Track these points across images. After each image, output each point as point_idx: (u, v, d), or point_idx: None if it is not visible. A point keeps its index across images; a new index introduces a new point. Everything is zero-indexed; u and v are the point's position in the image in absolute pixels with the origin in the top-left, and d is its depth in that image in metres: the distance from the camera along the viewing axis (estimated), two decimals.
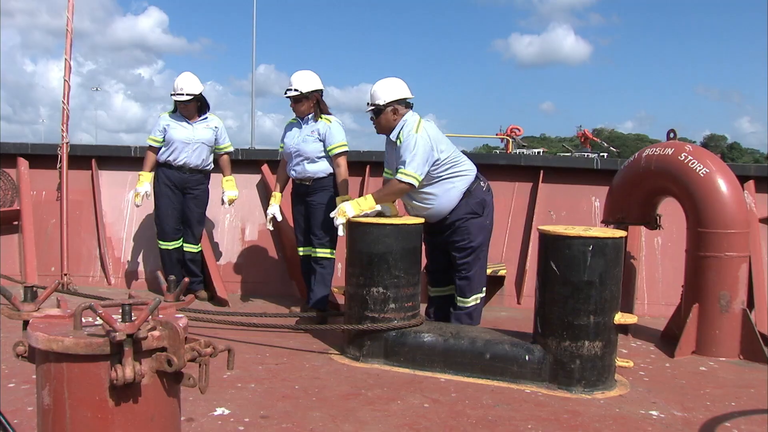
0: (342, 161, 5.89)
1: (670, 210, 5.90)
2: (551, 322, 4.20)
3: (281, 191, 6.26)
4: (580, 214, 7.15)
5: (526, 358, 4.25)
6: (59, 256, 6.99)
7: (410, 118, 5.13)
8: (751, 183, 6.83)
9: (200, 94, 6.56)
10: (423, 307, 5.18)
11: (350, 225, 4.78)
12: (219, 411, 3.60)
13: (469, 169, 5.20)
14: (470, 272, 5.15)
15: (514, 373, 4.27)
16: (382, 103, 5.11)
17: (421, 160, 4.93)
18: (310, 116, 5.96)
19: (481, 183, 5.24)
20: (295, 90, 5.85)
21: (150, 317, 1.91)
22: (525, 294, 6.76)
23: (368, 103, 5.22)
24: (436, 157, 5.01)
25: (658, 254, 6.83)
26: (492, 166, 7.56)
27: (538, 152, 31.68)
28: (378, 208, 4.99)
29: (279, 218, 6.20)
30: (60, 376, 1.88)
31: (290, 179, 6.14)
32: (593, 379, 4.15)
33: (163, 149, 6.57)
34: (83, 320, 1.98)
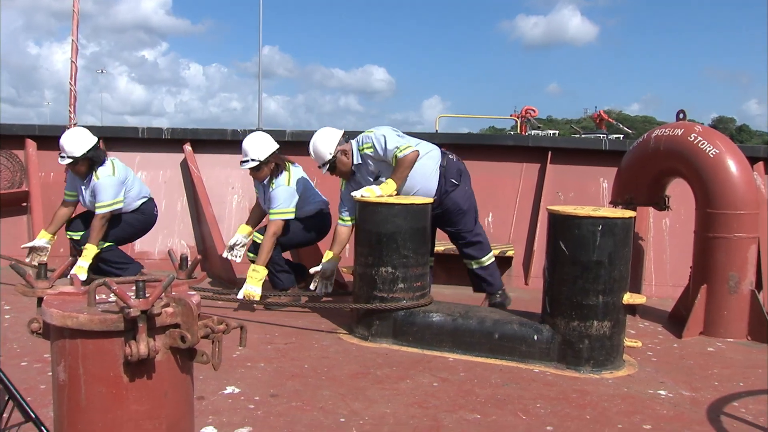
0: (272, 226, 5.66)
1: (678, 191, 5.89)
2: (560, 302, 4.21)
3: (253, 227, 6.07)
4: (588, 196, 7.14)
5: (535, 337, 4.26)
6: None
7: (356, 140, 5.33)
8: (760, 164, 6.81)
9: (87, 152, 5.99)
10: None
11: (359, 205, 4.78)
12: (229, 390, 3.63)
13: (431, 149, 5.36)
14: (475, 235, 5.36)
15: (522, 352, 4.28)
16: (330, 156, 5.32)
17: (400, 136, 5.19)
18: (266, 180, 5.84)
19: (449, 156, 5.42)
20: (252, 161, 5.69)
21: (163, 294, 1.93)
22: (533, 275, 6.76)
23: (320, 166, 5.41)
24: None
25: (666, 235, 6.82)
26: (500, 147, 7.57)
27: (553, 134, 31.52)
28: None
29: (237, 256, 6.02)
30: (75, 352, 1.89)
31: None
32: (602, 358, 4.16)
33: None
34: (97, 297, 2.00)
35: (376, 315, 4.62)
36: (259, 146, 5.70)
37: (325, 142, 5.34)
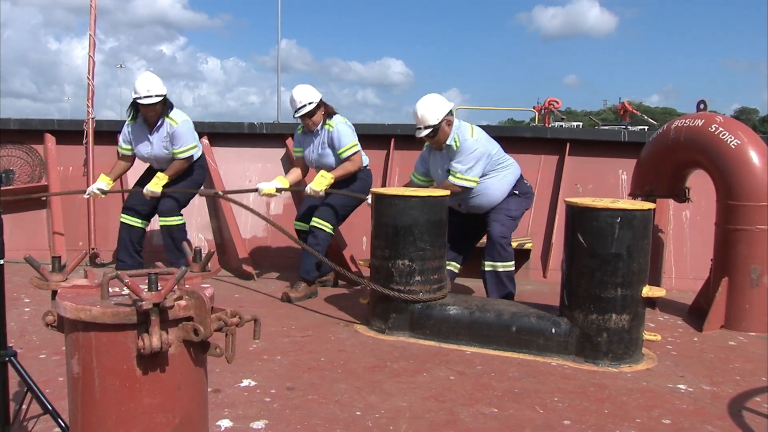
0: (355, 158, 5.91)
1: (698, 183, 5.81)
2: (578, 295, 4.16)
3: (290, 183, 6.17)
4: (606, 187, 7.07)
5: (553, 331, 4.23)
6: (86, 231, 7.06)
7: (461, 123, 5.34)
8: None
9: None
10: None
11: (376, 197, 4.75)
12: (245, 382, 3.62)
13: (512, 161, 5.47)
14: (504, 234, 5.25)
15: (540, 346, 4.25)
16: (436, 122, 5.19)
17: (479, 166, 5.22)
18: (319, 126, 5.96)
19: (525, 181, 5.53)
20: (309, 103, 5.83)
21: (176, 287, 1.92)
22: (551, 267, 6.72)
23: (420, 127, 5.27)
24: (490, 158, 5.30)
25: (687, 228, 6.74)
26: (518, 138, 7.50)
27: (577, 125, 31.26)
28: None
29: (270, 193, 6.07)
30: (88, 344, 1.90)
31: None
32: (620, 352, 4.11)
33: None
34: (111, 290, 2.00)
35: (393, 308, 4.60)
36: (310, 92, 5.89)
37: (437, 107, 5.25)
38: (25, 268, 2.29)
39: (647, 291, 4.16)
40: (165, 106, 6.13)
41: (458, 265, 5.52)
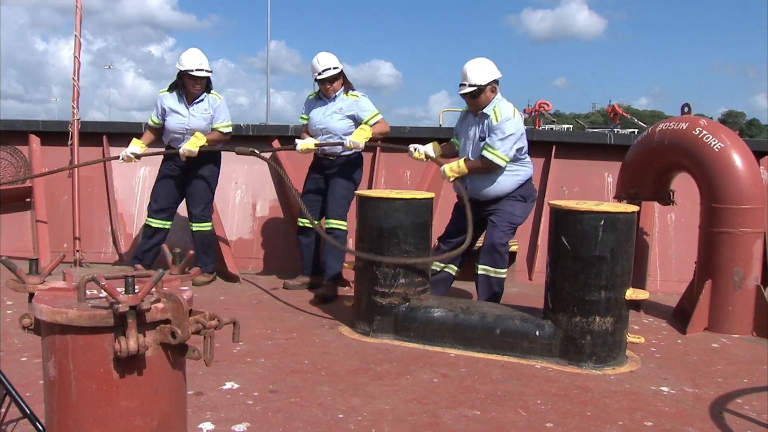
0: (383, 122, 6.01)
1: (683, 186, 5.84)
2: (562, 298, 4.18)
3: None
4: (592, 190, 7.09)
5: (537, 333, 4.24)
6: (71, 233, 7.02)
7: (503, 100, 5.29)
8: (766, 158, 6.75)
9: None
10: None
11: (360, 199, 4.75)
12: (228, 385, 3.61)
13: (530, 165, 5.45)
14: (504, 241, 5.18)
15: (524, 348, 4.25)
16: (483, 83, 5.17)
17: (512, 144, 5.16)
18: (338, 93, 5.99)
19: (533, 184, 5.49)
20: (334, 69, 5.90)
21: (154, 289, 1.91)
22: (536, 270, 6.73)
23: (464, 84, 5.23)
24: (520, 144, 5.27)
25: (672, 230, 6.77)
26: None
27: (568, 128, 31.36)
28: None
29: (308, 147, 5.99)
30: (64, 347, 1.88)
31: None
32: (604, 354, 4.13)
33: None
34: (89, 293, 1.98)
35: (377, 310, 4.60)
36: (334, 59, 5.98)
37: (485, 71, 5.24)
38: (6, 270, 2.28)
39: (631, 294, 4.18)
40: (209, 82, 6.34)
41: (456, 268, 5.46)
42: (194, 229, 6.42)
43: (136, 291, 1.84)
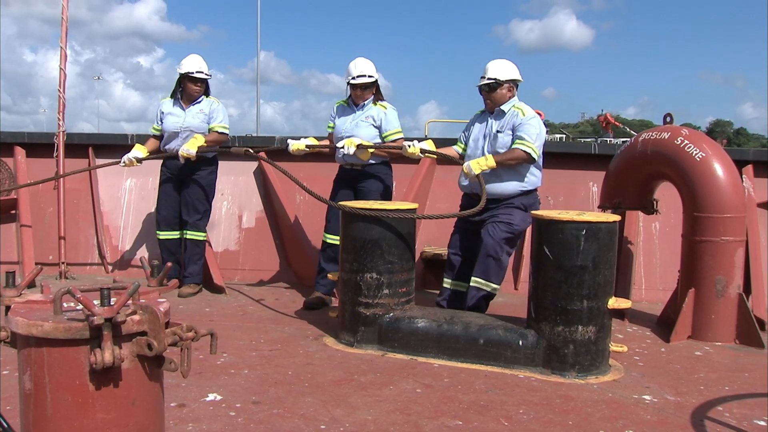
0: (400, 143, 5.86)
1: (668, 195, 5.88)
2: (545, 307, 4.20)
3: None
4: (577, 200, 7.13)
5: (520, 343, 4.25)
6: (57, 245, 7.00)
7: (524, 104, 5.31)
8: (749, 167, 6.80)
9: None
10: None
11: (342, 212, 4.76)
12: (211, 397, 3.60)
13: (540, 174, 5.37)
14: (502, 254, 5.11)
15: (507, 358, 4.27)
16: (503, 78, 5.25)
17: (541, 142, 5.19)
18: (366, 102, 5.96)
19: (537, 194, 5.40)
20: (368, 77, 5.83)
21: (130, 301, 1.92)
22: (522, 279, 6.74)
23: (484, 76, 5.30)
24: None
25: (656, 239, 6.81)
26: None
27: (560, 138, 31.42)
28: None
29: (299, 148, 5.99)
30: (40, 360, 1.88)
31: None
32: (587, 364, 4.14)
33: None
34: (66, 305, 1.98)
35: (362, 321, 4.60)
36: (371, 66, 5.90)
37: (507, 69, 5.31)
38: None
39: (613, 303, 4.21)
40: (207, 87, 6.48)
41: (467, 285, 5.26)
42: (188, 236, 6.42)
43: (112, 303, 1.85)
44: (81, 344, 1.86)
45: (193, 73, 6.27)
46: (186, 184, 6.43)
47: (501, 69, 5.29)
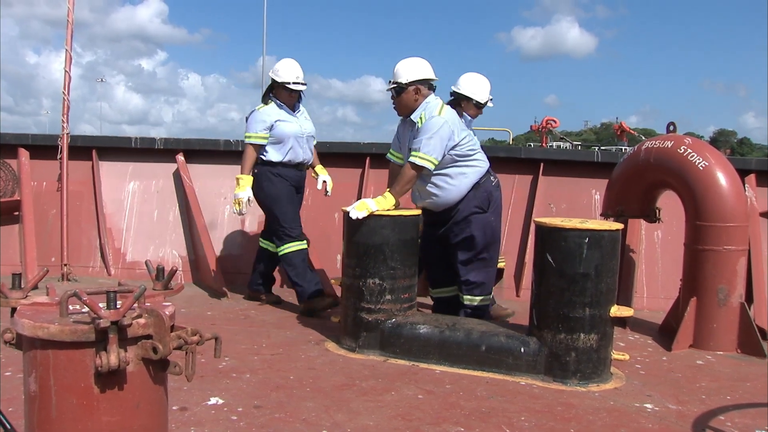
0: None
1: (670, 203, 5.88)
2: (547, 315, 4.20)
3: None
4: (580, 207, 7.13)
5: (522, 350, 4.25)
6: (59, 247, 7.01)
7: (433, 100, 4.97)
8: (752, 177, 6.81)
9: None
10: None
11: (347, 216, 4.76)
12: (213, 401, 3.61)
13: (482, 161, 5.09)
14: (471, 272, 5.04)
15: (509, 365, 4.26)
16: (404, 81, 4.93)
17: (439, 144, 4.80)
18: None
19: (491, 178, 5.13)
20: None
21: (136, 305, 1.92)
22: (524, 287, 6.75)
23: (390, 81, 5.04)
24: (454, 142, 4.88)
25: (658, 248, 6.81)
26: (492, 158, 7.53)
27: (575, 145, 31.40)
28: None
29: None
30: (46, 362, 1.89)
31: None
32: (588, 371, 4.14)
33: (273, 147, 5.89)
34: (72, 308, 1.99)
35: (364, 326, 4.61)
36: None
37: (411, 69, 4.96)
38: None
39: (615, 311, 4.21)
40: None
41: (448, 289, 5.29)
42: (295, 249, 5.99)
43: (118, 306, 1.86)
44: (87, 347, 1.86)
45: (298, 83, 5.92)
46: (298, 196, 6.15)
47: (406, 71, 4.95)
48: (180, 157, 7.68)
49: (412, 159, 4.82)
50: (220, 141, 7.90)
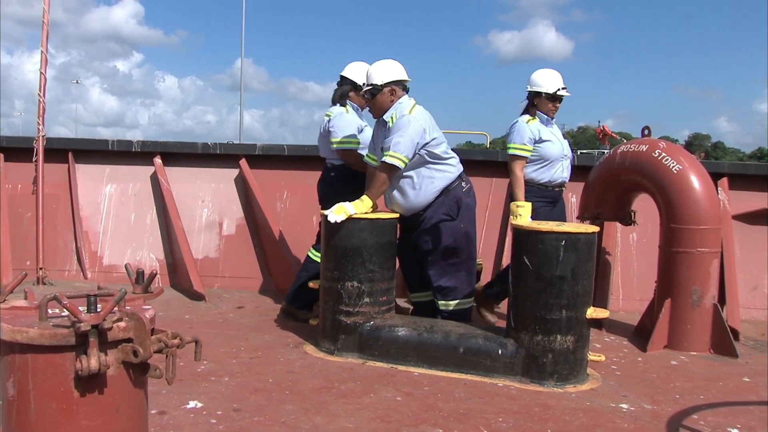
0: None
1: (645, 206, 5.96)
2: (524, 317, 4.24)
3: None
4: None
5: (499, 352, 4.29)
6: (35, 250, 6.95)
7: (405, 101, 4.98)
8: (724, 180, 6.91)
9: None
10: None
11: (326, 219, 4.76)
12: (192, 404, 3.60)
13: (453, 167, 5.04)
14: (442, 278, 5.03)
15: (487, 367, 4.30)
16: (379, 83, 4.93)
17: (410, 142, 4.76)
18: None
19: (462, 183, 5.07)
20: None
21: (116, 308, 1.93)
22: None
23: (364, 84, 5.07)
24: (425, 140, 4.84)
25: (634, 250, 6.89)
26: (469, 161, 7.58)
27: None
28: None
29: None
30: (24, 367, 1.89)
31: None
32: (565, 373, 4.19)
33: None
34: (51, 312, 1.99)
35: (342, 329, 4.62)
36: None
37: (385, 71, 4.95)
38: None
39: (591, 312, 4.26)
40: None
41: (424, 293, 5.27)
42: None
43: (99, 310, 1.86)
44: (66, 351, 1.87)
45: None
46: None
47: (380, 73, 4.96)
48: (158, 160, 7.64)
49: (384, 158, 4.80)
50: (198, 144, 7.87)
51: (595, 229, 4.34)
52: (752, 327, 6.00)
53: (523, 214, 5.23)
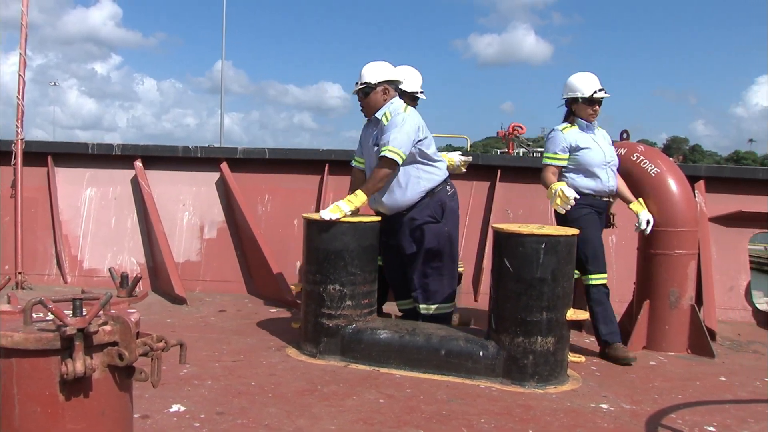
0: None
1: (624, 209, 6.01)
2: (505, 319, 4.28)
3: None
4: (536, 213, 7.24)
5: (481, 354, 4.32)
6: (13, 255, 6.89)
7: (397, 101, 5.04)
8: (701, 183, 7.01)
9: None
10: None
11: (307, 222, 4.78)
12: (175, 408, 3.60)
13: (440, 170, 5.07)
14: (425, 281, 5.03)
15: (468, 369, 4.33)
16: (373, 81, 4.97)
17: (407, 138, 4.81)
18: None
19: (447, 187, 5.10)
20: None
21: (102, 312, 1.93)
22: (482, 292, 6.84)
23: (357, 83, 5.06)
24: (419, 137, 4.89)
25: (613, 252, 6.95)
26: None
27: (540, 151, 31.77)
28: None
29: None
30: (9, 371, 1.89)
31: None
32: (546, 374, 4.23)
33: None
34: (35, 316, 1.99)
35: (324, 332, 4.63)
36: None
37: (379, 71, 5.01)
38: None
39: (571, 314, 4.31)
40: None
41: (408, 302, 5.26)
42: None
43: (84, 314, 1.87)
44: (52, 354, 1.87)
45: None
46: None
47: (373, 71, 5.02)
48: (138, 164, 7.62)
49: (383, 153, 4.80)
50: (178, 147, 7.85)
51: (575, 231, 4.38)
52: (729, 327, 6.10)
53: (558, 187, 4.87)
